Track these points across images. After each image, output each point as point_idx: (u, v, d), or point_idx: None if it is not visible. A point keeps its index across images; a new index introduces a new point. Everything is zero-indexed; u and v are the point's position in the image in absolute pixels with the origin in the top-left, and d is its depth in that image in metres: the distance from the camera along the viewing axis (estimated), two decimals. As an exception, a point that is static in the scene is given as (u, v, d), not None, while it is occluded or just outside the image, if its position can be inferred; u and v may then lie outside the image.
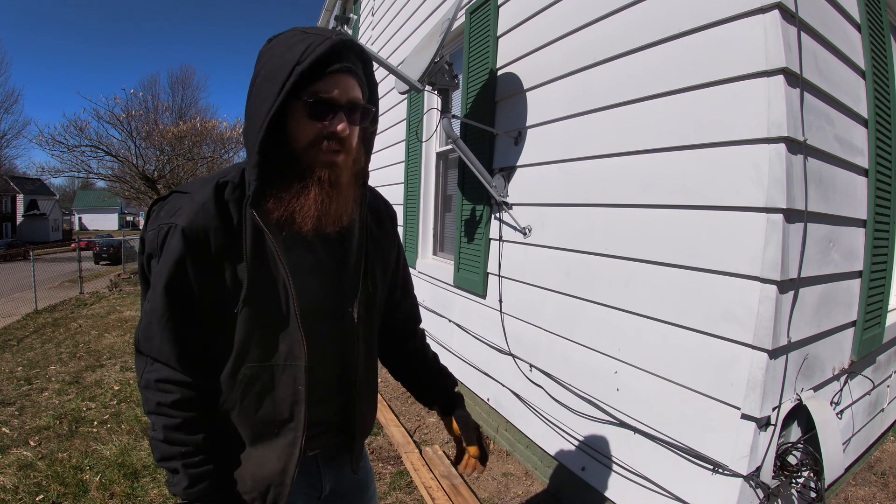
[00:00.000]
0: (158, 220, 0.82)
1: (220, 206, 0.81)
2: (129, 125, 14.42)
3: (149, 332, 0.81)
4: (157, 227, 0.81)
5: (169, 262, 0.79)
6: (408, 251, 4.01)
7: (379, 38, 5.15)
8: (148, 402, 0.82)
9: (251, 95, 0.81)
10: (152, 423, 0.82)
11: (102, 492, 2.28)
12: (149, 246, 0.82)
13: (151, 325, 0.80)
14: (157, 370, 0.81)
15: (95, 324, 6.35)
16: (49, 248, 32.22)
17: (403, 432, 2.88)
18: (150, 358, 0.82)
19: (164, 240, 0.80)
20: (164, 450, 0.81)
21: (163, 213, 0.82)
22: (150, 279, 0.82)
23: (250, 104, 0.81)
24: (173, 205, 0.82)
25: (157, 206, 0.85)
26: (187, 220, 0.79)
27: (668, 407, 1.67)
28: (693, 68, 1.57)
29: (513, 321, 2.55)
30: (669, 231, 1.66)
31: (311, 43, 0.76)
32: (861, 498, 2.10)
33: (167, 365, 0.81)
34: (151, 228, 0.82)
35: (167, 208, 0.82)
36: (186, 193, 0.82)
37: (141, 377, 0.83)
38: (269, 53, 0.80)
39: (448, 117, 2.50)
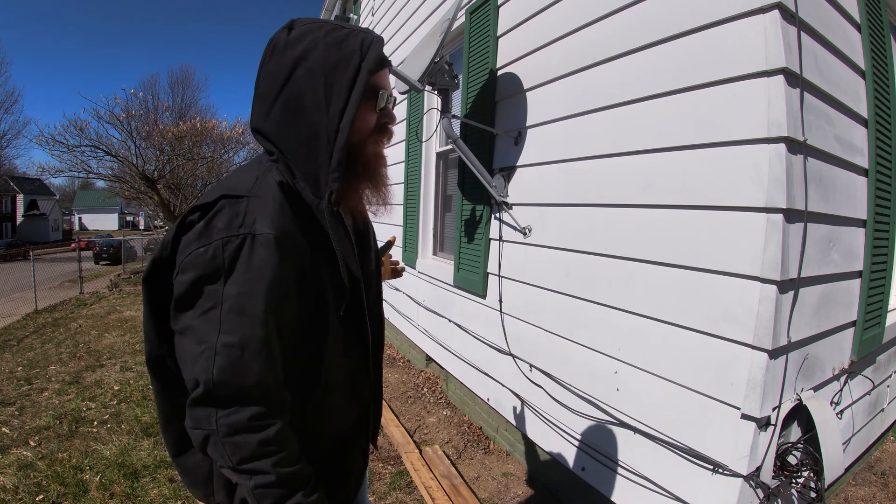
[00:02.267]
0: (213, 233, 0.68)
1: (293, 207, 0.75)
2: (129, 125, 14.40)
3: (239, 369, 0.67)
4: (220, 242, 0.68)
5: (264, 279, 0.68)
6: (407, 251, 4.01)
7: (379, 38, 5.15)
8: (241, 449, 0.67)
9: (292, 90, 0.75)
10: (252, 469, 0.67)
11: (102, 492, 2.28)
12: (200, 267, 0.67)
13: (243, 359, 0.67)
14: (244, 409, 0.68)
15: (95, 324, 6.35)
16: (49, 248, 32.22)
17: (403, 432, 2.88)
18: (239, 398, 0.68)
19: (236, 255, 0.68)
20: (278, 494, 0.68)
21: (219, 224, 0.69)
22: (218, 305, 0.67)
23: (296, 100, 0.75)
24: (233, 212, 0.70)
25: (196, 215, 0.71)
26: (274, 226, 0.70)
27: (668, 407, 1.67)
28: (693, 68, 1.57)
29: (513, 321, 2.55)
30: (669, 231, 1.66)
31: (363, 38, 0.77)
32: (861, 498, 2.10)
33: (262, 399, 0.69)
34: (201, 245, 0.68)
35: (223, 218, 0.69)
36: (243, 197, 0.71)
37: (215, 425, 0.67)
38: (304, 44, 0.75)
39: (448, 117, 2.50)
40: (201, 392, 0.67)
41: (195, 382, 0.67)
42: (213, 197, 0.72)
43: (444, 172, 3.72)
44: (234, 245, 0.68)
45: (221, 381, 0.66)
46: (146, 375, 3.94)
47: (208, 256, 0.67)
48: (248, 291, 0.67)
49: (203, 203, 0.71)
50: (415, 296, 3.93)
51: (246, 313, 0.67)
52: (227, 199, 0.71)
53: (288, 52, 0.75)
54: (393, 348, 4.60)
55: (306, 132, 0.75)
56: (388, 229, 4.60)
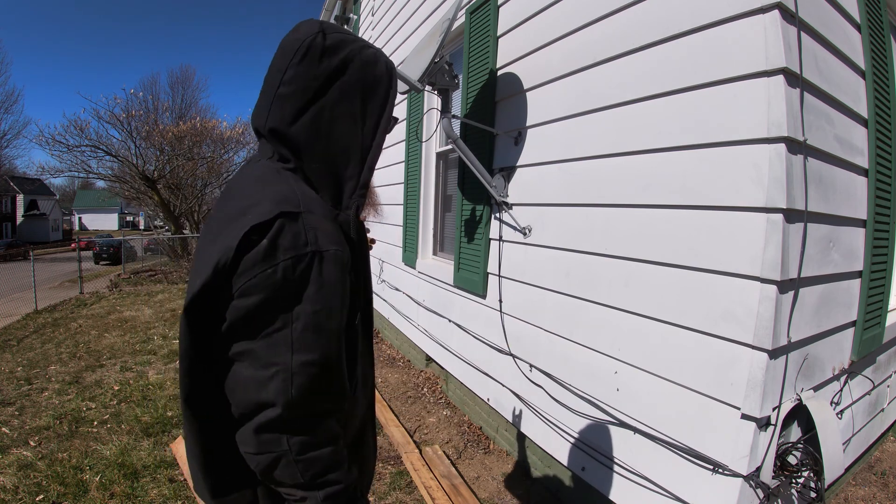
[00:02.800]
0: (282, 252, 0.66)
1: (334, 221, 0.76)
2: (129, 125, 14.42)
3: (319, 387, 0.67)
4: (292, 260, 0.66)
5: (336, 296, 0.69)
6: (408, 251, 4.01)
7: (379, 38, 5.15)
8: (316, 464, 0.67)
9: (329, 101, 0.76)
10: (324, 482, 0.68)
11: (102, 492, 2.28)
12: (274, 287, 0.66)
13: (323, 377, 0.67)
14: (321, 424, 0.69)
15: (95, 324, 6.34)
16: (49, 248, 32.23)
17: (403, 432, 2.88)
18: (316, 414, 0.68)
19: (307, 273, 0.67)
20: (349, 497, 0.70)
21: (286, 243, 0.67)
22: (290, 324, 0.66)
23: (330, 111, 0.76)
24: (296, 229, 0.68)
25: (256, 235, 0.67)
26: (335, 243, 0.70)
27: (668, 407, 1.67)
28: (693, 68, 1.57)
29: (513, 321, 2.55)
30: (669, 231, 1.66)
31: (387, 63, 0.82)
32: (861, 498, 2.10)
33: (336, 410, 0.71)
34: (269, 265, 0.66)
35: (289, 236, 0.67)
36: (300, 213, 0.70)
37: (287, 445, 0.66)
38: (341, 55, 0.77)
39: (448, 117, 2.50)
40: (276, 415, 0.65)
41: (261, 406, 0.66)
42: (270, 215, 0.68)
43: (444, 172, 3.72)
44: (304, 263, 0.67)
45: (302, 400, 0.66)
46: (146, 375, 3.95)
47: (278, 277, 0.66)
48: (324, 309, 0.67)
49: (260, 222, 0.67)
50: (415, 296, 3.93)
51: (323, 330, 0.67)
52: (285, 217, 0.68)
53: (325, 59, 0.76)
54: (393, 348, 4.60)
55: (338, 145, 0.78)
56: (389, 229, 4.61)
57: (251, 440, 0.68)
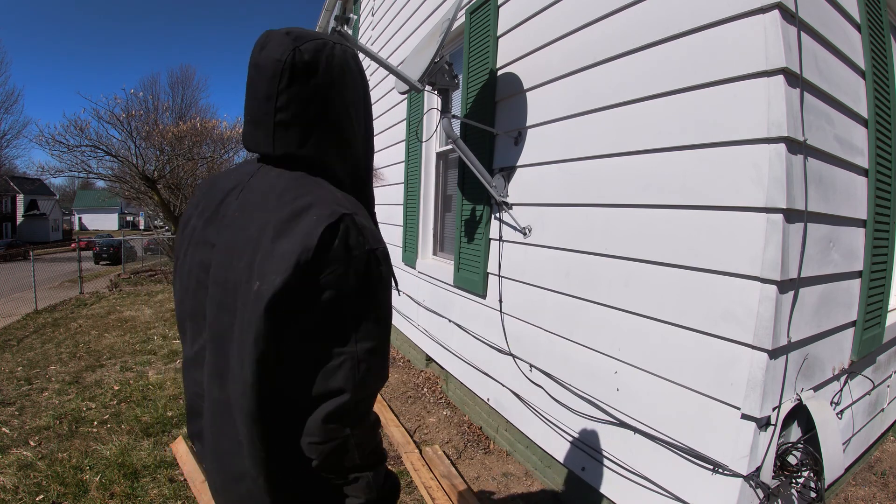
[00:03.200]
0: (348, 250, 0.72)
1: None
2: (129, 125, 14.41)
3: (380, 375, 0.76)
4: (359, 256, 0.72)
5: (388, 289, 0.77)
6: (408, 251, 4.01)
7: (379, 38, 5.15)
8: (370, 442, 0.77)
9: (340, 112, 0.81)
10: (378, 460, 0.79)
11: (102, 492, 2.28)
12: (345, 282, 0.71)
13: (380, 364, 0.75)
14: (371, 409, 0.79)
15: (95, 324, 6.34)
16: (49, 248, 32.22)
17: (403, 432, 2.88)
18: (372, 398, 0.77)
19: (369, 269, 0.73)
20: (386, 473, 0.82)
21: (352, 242, 0.73)
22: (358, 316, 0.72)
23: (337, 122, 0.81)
24: (357, 229, 0.73)
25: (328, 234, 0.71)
26: (380, 242, 0.77)
27: (668, 407, 1.67)
28: (693, 68, 1.57)
29: (513, 321, 2.55)
30: (669, 231, 1.66)
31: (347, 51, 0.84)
32: (861, 498, 2.10)
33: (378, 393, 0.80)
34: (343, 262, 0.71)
35: (353, 235, 0.73)
36: (351, 213, 0.74)
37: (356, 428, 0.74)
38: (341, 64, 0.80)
39: (448, 117, 2.50)
40: (345, 400, 0.71)
41: (330, 394, 0.71)
42: (336, 216, 0.72)
43: (444, 172, 3.72)
44: (364, 261, 0.73)
45: (365, 385, 0.72)
46: (146, 375, 3.95)
47: (350, 274, 0.71)
48: (381, 302, 0.75)
49: (331, 223, 0.71)
50: (415, 296, 3.93)
51: (382, 321, 0.75)
52: (346, 218, 0.73)
53: (312, 76, 0.77)
54: (393, 348, 4.60)
55: (349, 151, 0.84)
56: (389, 229, 4.61)
57: (318, 430, 0.72)
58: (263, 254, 0.72)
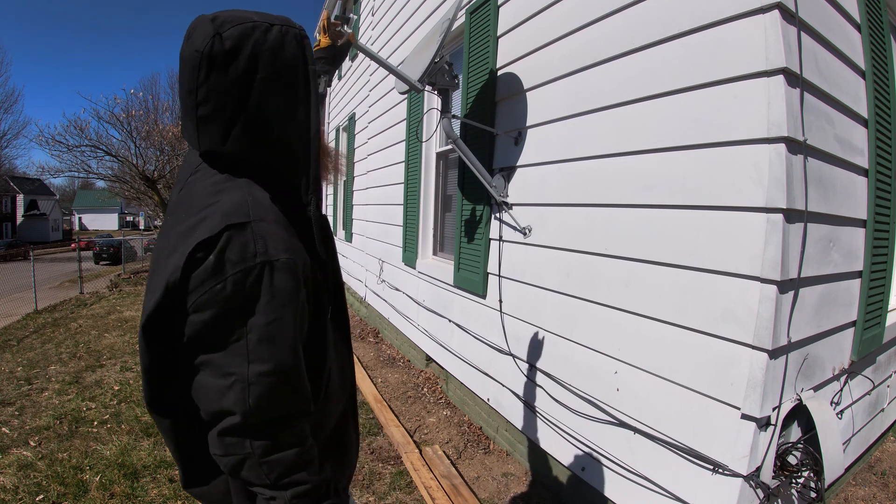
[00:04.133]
0: (230, 266, 0.66)
1: (289, 224, 0.75)
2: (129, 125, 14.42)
3: (275, 396, 0.68)
4: (241, 273, 0.65)
5: (289, 305, 0.68)
6: (408, 251, 4.01)
7: (379, 38, 5.15)
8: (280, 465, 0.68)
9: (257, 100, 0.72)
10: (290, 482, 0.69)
11: (102, 492, 2.28)
12: (225, 301, 0.66)
13: (278, 387, 0.68)
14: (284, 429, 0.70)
15: (95, 324, 6.35)
16: (49, 249, 32.23)
17: (403, 432, 2.88)
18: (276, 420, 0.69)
19: (259, 283, 0.66)
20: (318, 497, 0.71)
21: (234, 256, 0.66)
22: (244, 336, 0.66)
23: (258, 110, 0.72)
24: (244, 240, 0.67)
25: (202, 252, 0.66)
26: (286, 251, 0.69)
27: (668, 407, 1.67)
28: (693, 68, 1.57)
29: (513, 321, 2.55)
30: (670, 231, 1.66)
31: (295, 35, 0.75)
32: (861, 498, 2.10)
33: (298, 415, 0.71)
34: (218, 281, 0.65)
35: (236, 248, 0.66)
36: (249, 222, 0.68)
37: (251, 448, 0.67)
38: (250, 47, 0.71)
39: (448, 117, 2.50)
40: (236, 422, 0.67)
41: (223, 414, 0.67)
42: (217, 229, 0.67)
43: (444, 172, 3.72)
44: (253, 275, 0.66)
45: (259, 409, 0.66)
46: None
47: (228, 292, 0.65)
48: (277, 319, 0.67)
49: (206, 238, 0.66)
50: (415, 296, 3.93)
51: (276, 341, 0.67)
52: (233, 229, 0.67)
53: (231, 65, 0.70)
54: (393, 348, 4.60)
55: (281, 147, 0.75)
56: (389, 229, 4.61)
57: (216, 443, 0.69)
58: (157, 273, 0.71)
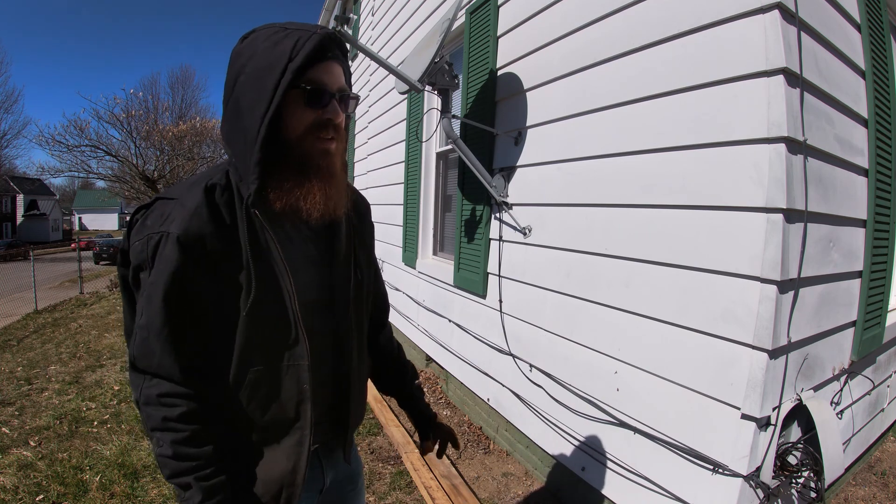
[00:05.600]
0: (145, 229, 0.78)
1: (212, 210, 0.79)
2: (129, 125, 14.43)
3: (146, 348, 0.78)
4: (146, 237, 0.77)
5: (165, 273, 0.76)
6: (407, 251, 4.01)
7: (379, 38, 5.15)
8: (151, 419, 0.78)
9: (235, 95, 0.79)
10: (157, 440, 0.78)
11: (102, 492, 2.28)
12: (136, 258, 0.79)
13: (149, 340, 0.77)
14: (157, 385, 0.78)
15: (95, 324, 6.34)
16: (49, 248, 32.21)
17: (403, 432, 2.88)
18: (150, 374, 0.78)
19: (156, 250, 0.77)
20: (175, 466, 0.77)
21: (149, 222, 0.79)
22: (142, 292, 0.79)
23: (236, 104, 0.79)
24: (160, 212, 0.79)
25: (139, 214, 0.82)
26: (181, 228, 0.76)
27: (668, 407, 1.67)
28: (693, 68, 1.57)
29: (513, 321, 2.55)
30: (670, 231, 1.66)
31: (298, 38, 0.77)
32: (861, 498, 2.10)
33: (169, 379, 0.78)
34: (137, 239, 0.78)
35: (153, 216, 0.79)
36: (173, 199, 0.79)
37: (140, 394, 0.79)
38: (248, 52, 0.79)
39: (448, 117, 2.50)
40: (129, 364, 0.82)
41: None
42: (140, 206, 0.84)
43: (444, 172, 3.72)
44: (154, 241, 0.77)
45: (134, 355, 0.79)
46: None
47: (138, 249, 0.78)
48: (154, 282, 0.77)
49: (145, 204, 0.83)
50: (415, 296, 3.93)
51: (152, 300, 0.77)
52: (162, 201, 0.81)
53: (236, 61, 0.80)
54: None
55: (242, 136, 0.79)
56: (389, 229, 4.61)
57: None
58: None
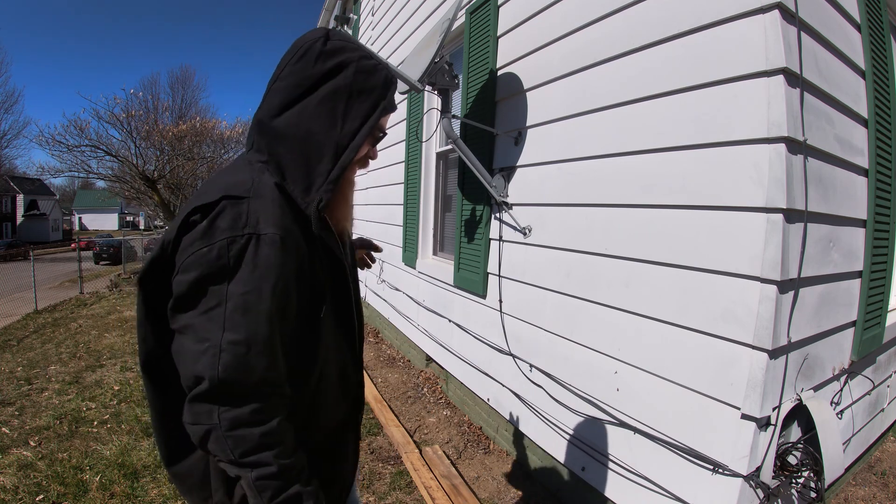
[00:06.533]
0: (217, 232, 0.69)
1: (292, 208, 0.78)
2: (129, 125, 14.42)
3: (244, 366, 0.68)
4: (226, 241, 0.69)
5: (268, 277, 0.70)
6: (408, 251, 4.01)
7: (379, 38, 5.15)
8: (244, 442, 0.68)
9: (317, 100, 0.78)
10: (254, 462, 0.68)
11: (102, 492, 2.28)
12: (204, 266, 0.68)
13: (249, 356, 0.68)
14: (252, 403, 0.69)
15: (95, 324, 6.35)
16: (49, 249, 32.22)
17: (403, 432, 2.88)
18: (243, 393, 0.69)
19: (242, 254, 0.69)
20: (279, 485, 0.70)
21: (222, 224, 0.70)
22: (221, 304, 0.68)
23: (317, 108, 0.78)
24: (235, 212, 0.71)
25: (200, 216, 0.71)
26: (277, 227, 0.72)
27: (668, 407, 1.67)
28: (693, 68, 1.57)
29: (513, 321, 2.55)
30: (670, 231, 1.66)
31: (386, 76, 0.83)
32: (861, 498, 2.10)
33: (268, 392, 0.71)
34: (207, 244, 0.69)
35: (226, 218, 0.70)
36: (247, 198, 0.73)
37: (219, 419, 0.68)
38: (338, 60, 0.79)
39: (448, 117, 2.50)
40: (205, 388, 0.68)
41: (197, 379, 0.68)
42: (215, 197, 0.72)
43: (444, 172, 3.72)
44: (239, 245, 0.69)
45: (227, 377, 0.67)
46: (146, 375, 3.94)
47: (213, 256, 0.69)
48: (254, 290, 0.69)
49: (204, 203, 0.71)
50: (415, 296, 3.93)
51: (251, 311, 0.69)
52: (229, 200, 0.72)
53: (320, 62, 0.78)
54: (393, 348, 4.60)
55: (312, 142, 0.79)
56: (389, 229, 4.61)
57: (187, 410, 0.70)
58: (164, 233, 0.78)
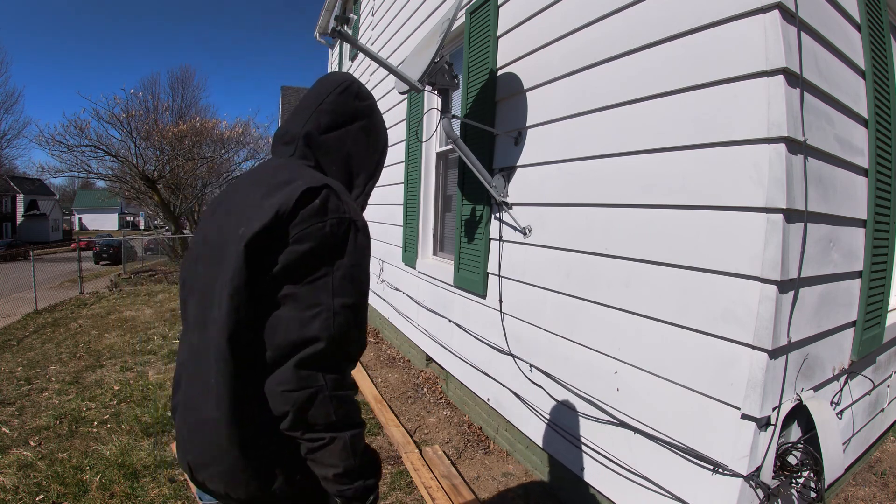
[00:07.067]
0: (329, 211, 0.80)
1: None
2: (129, 125, 14.41)
3: (348, 328, 0.77)
4: (337, 220, 0.80)
5: (364, 258, 0.83)
6: (407, 251, 4.01)
7: (379, 38, 5.15)
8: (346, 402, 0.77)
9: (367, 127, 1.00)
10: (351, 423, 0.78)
11: (102, 492, 2.28)
12: (322, 238, 0.78)
13: (354, 321, 0.78)
14: (349, 366, 0.80)
15: (95, 324, 6.35)
16: (49, 248, 32.22)
17: (403, 432, 2.88)
18: (347, 355, 0.79)
19: (348, 234, 0.81)
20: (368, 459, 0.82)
21: (330, 206, 0.81)
22: (333, 271, 0.78)
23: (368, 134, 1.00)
24: (335, 199, 0.82)
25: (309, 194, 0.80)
26: (362, 219, 0.86)
27: (668, 407, 1.67)
28: (693, 68, 1.57)
29: (513, 321, 2.55)
30: (670, 231, 1.66)
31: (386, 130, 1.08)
32: (861, 498, 2.10)
33: (355, 361, 0.82)
34: (323, 219, 0.79)
35: (332, 201, 0.82)
36: (336, 190, 0.85)
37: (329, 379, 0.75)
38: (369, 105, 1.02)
39: (448, 117, 2.50)
40: (318, 349, 0.74)
41: (305, 342, 0.74)
42: (319, 183, 0.82)
43: (444, 172, 3.72)
44: (344, 225, 0.81)
45: (340, 337, 0.75)
46: (146, 375, 3.94)
47: (326, 231, 0.78)
48: (358, 264, 0.81)
49: (312, 186, 0.81)
50: (415, 296, 3.93)
51: (356, 281, 0.80)
52: (329, 188, 0.83)
53: (357, 100, 0.99)
54: (393, 348, 4.60)
55: (354, 159, 0.99)
56: (389, 229, 4.61)
57: (291, 376, 0.73)
58: (253, 208, 0.81)
